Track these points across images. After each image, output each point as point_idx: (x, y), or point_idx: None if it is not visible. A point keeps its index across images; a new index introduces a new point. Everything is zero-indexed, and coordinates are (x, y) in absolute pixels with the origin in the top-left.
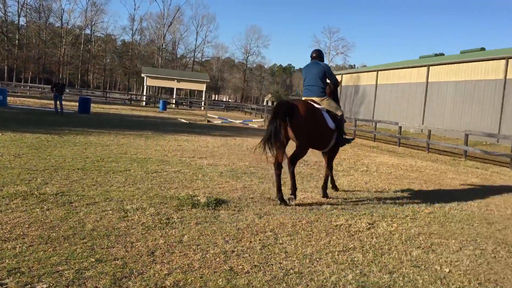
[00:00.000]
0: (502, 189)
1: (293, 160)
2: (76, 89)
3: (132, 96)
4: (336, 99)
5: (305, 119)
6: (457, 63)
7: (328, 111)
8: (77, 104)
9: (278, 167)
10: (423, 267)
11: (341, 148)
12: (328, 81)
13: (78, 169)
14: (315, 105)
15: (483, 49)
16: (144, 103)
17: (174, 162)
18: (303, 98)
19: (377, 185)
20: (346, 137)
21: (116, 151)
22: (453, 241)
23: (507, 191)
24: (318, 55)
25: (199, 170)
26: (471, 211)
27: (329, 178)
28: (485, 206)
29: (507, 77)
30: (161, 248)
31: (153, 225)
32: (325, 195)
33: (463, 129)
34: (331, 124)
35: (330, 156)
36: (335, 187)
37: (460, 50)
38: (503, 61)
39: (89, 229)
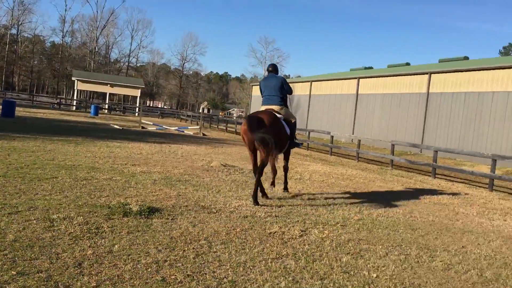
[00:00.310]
0: (425, 197)
1: (261, 168)
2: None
3: (61, 100)
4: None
5: (272, 131)
6: (384, 76)
7: (285, 119)
8: (0, 107)
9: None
10: (352, 272)
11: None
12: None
13: None
14: (277, 114)
15: (408, 64)
16: (74, 107)
17: (106, 169)
18: (263, 107)
19: (310, 193)
20: (296, 141)
21: (43, 157)
22: (380, 246)
23: (429, 198)
24: (274, 69)
25: (132, 178)
26: (397, 218)
27: (272, 176)
28: (409, 213)
29: (430, 91)
30: (89, 259)
31: (81, 235)
32: (286, 188)
33: (390, 140)
34: (287, 130)
35: (286, 157)
36: (273, 184)
37: (387, 64)
38: (426, 76)
39: (10, 239)
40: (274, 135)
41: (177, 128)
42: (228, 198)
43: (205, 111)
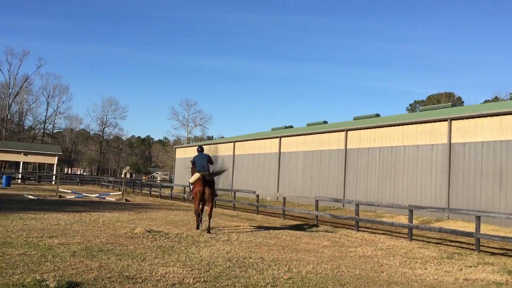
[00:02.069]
0: (350, 250)
1: (212, 208)
2: None
3: None
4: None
5: (214, 185)
6: (304, 134)
7: (211, 180)
8: None
9: (198, 213)
10: None
11: (202, 219)
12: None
13: None
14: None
15: (325, 122)
16: None
17: (19, 243)
18: (198, 173)
19: (238, 254)
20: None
21: None
22: None
23: (354, 251)
24: (202, 149)
25: (49, 251)
26: (325, 274)
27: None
28: (337, 268)
29: (347, 147)
30: None
31: None
32: (209, 230)
33: (313, 195)
34: (213, 187)
35: (212, 206)
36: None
37: (307, 123)
38: (343, 133)
39: None
40: (214, 189)
41: (98, 195)
42: (154, 266)
43: (128, 176)
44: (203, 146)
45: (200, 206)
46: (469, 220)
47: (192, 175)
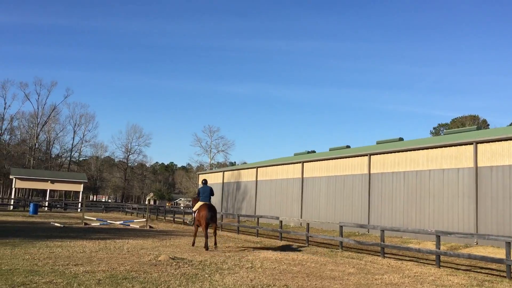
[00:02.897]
0: (376, 278)
1: (215, 231)
2: None
3: None
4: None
5: (216, 212)
6: (327, 159)
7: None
8: None
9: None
10: None
11: (226, 245)
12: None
13: None
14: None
15: (348, 146)
16: (11, 207)
17: (45, 271)
18: (203, 202)
19: (262, 282)
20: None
21: None
22: None
23: (380, 279)
24: (206, 182)
25: (74, 279)
26: None
27: (214, 238)
28: None
29: (371, 172)
30: None
31: None
32: (216, 244)
33: (337, 221)
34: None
35: (216, 226)
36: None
37: (329, 148)
38: (366, 157)
39: None
40: (215, 216)
41: (122, 222)
42: None
43: (151, 202)
44: (207, 179)
45: (204, 230)
46: (499, 246)
47: (194, 204)
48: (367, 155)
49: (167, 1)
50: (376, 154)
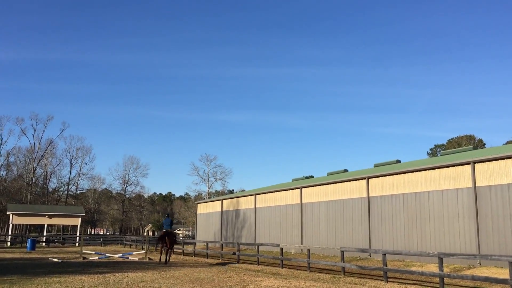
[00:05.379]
0: None
1: (172, 248)
2: None
3: None
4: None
5: (174, 236)
6: (325, 184)
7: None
8: None
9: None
10: None
11: (227, 275)
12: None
13: None
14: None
15: (346, 170)
16: (9, 243)
17: None
18: (165, 229)
19: None
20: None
21: None
22: None
23: None
24: (168, 215)
25: None
26: None
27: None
28: None
29: (370, 195)
30: None
31: None
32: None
33: (338, 246)
34: (175, 238)
35: (172, 248)
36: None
37: (327, 172)
38: (365, 181)
39: None
40: (174, 239)
41: (121, 254)
42: None
43: (150, 233)
44: (170, 212)
45: (164, 249)
46: (502, 266)
47: (161, 231)
48: (365, 179)
49: (160, 32)
50: (374, 177)
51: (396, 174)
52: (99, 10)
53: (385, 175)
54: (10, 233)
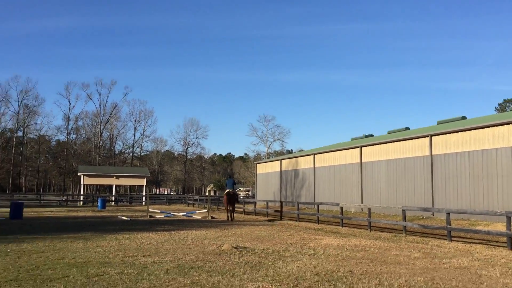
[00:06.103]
0: (444, 261)
1: (234, 209)
2: (7, 194)
3: (68, 197)
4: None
5: (236, 196)
6: (386, 143)
7: (235, 193)
8: (8, 209)
9: (228, 209)
10: None
11: (287, 233)
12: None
13: (11, 280)
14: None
15: (407, 128)
16: (81, 203)
17: (117, 263)
18: (228, 190)
19: (326, 268)
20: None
21: (52, 257)
22: None
23: (449, 263)
24: (230, 176)
25: (144, 269)
26: (419, 287)
27: (232, 214)
28: (431, 280)
29: (433, 153)
30: None
31: None
32: (233, 219)
33: (399, 205)
34: (237, 198)
35: (233, 208)
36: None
37: (388, 131)
38: (427, 139)
39: None
40: (235, 199)
41: (185, 213)
42: (244, 281)
43: (212, 193)
44: (231, 174)
45: (229, 207)
46: None
47: (225, 191)
48: (428, 136)
49: None
50: (438, 134)
51: (461, 131)
52: None
53: (449, 132)
54: (82, 193)
